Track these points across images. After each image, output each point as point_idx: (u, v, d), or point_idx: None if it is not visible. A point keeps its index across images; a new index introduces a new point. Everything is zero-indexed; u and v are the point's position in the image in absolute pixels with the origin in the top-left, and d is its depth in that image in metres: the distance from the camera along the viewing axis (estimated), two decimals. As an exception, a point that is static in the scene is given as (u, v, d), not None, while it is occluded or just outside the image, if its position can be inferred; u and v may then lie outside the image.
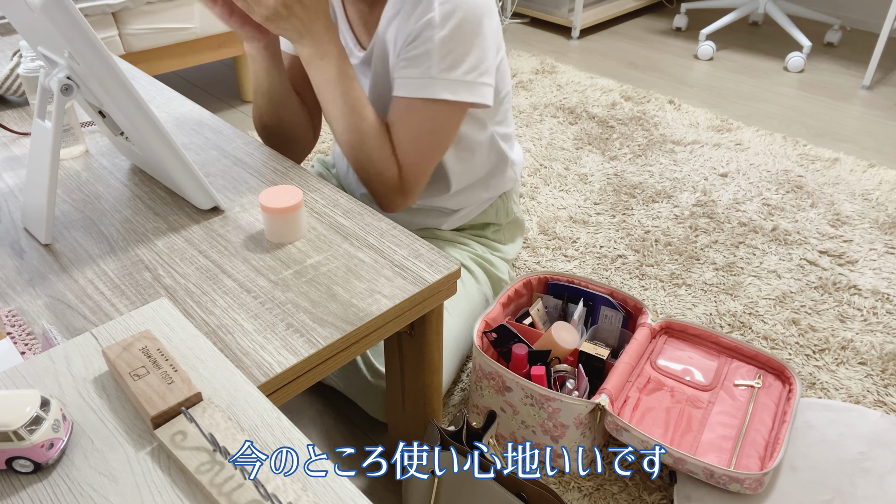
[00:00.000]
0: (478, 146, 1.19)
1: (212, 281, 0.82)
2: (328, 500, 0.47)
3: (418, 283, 0.83)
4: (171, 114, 1.23)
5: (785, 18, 2.80)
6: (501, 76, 1.12)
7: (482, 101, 1.01)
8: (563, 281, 1.30)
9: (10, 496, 0.47)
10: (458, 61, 0.97)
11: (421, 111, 1.00)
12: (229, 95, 2.50)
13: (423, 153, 1.04)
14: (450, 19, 0.95)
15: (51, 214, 0.86)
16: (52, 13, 0.70)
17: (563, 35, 3.12)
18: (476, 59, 0.98)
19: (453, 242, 1.30)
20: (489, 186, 1.27)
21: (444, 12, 0.95)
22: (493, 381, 1.13)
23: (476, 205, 1.29)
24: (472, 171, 1.22)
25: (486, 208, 1.31)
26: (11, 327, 0.75)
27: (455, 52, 0.96)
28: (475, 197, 1.27)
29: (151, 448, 0.50)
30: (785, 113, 2.39)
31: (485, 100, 1.01)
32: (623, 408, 1.14)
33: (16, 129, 1.15)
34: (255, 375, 0.70)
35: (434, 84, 0.98)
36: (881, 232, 1.74)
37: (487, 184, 1.27)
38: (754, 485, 1.00)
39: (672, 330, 1.27)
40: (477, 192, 1.27)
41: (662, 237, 1.71)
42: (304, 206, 0.95)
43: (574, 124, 2.26)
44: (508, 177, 1.28)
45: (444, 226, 1.29)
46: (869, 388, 1.31)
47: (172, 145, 0.85)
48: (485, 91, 1.01)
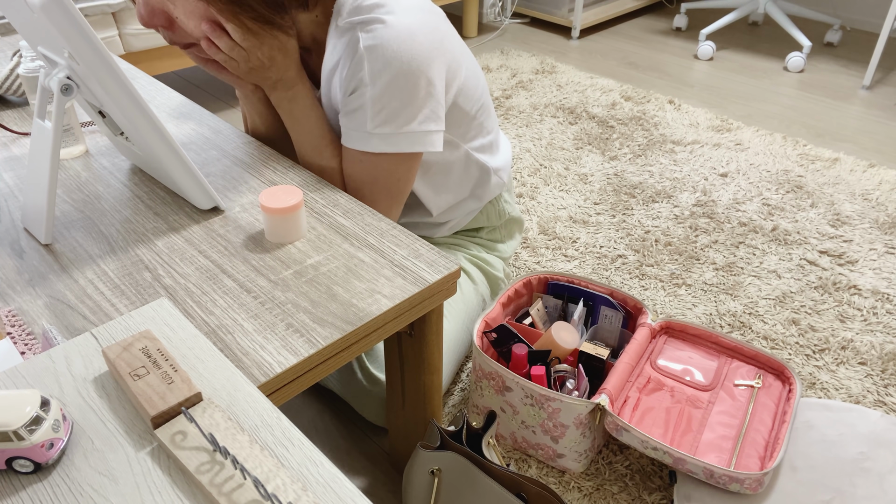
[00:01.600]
0: (453, 166, 1.16)
1: (212, 281, 0.82)
2: (328, 500, 0.47)
3: (418, 283, 0.83)
4: (171, 114, 1.23)
5: (785, 18, 2.80)
6: (468, 97, 1.08)
7: (428, 148, 0.99)
8: (563, 281, 1.30)
9: (10, 496, 0.47)
10: (393, 116, 0.95)
11: (364, 163, 1.00)
12: (229, 95, 2.50)
13: (379, 200, 1.04)
14: (380, 77, 0.92)
15: (51, 214, 0.86)
16: (52, 13, 0.70)
17: (563, 35, 3.12)
18: (413, 110, 0.96)
19: (448, 245, 1.30)
20: (475, 197, 1.24)
21: (374, 71, 0.92)
22: (493, 381, 1.13)
23: (464, 215, 1.27)
24: (452, 191, 1.19)
25: (476, 216, 1.29)
26: (11, 327, 0.75)
27: (388, 107, 0.94)
28: (461, 209, 1.25)
29: (151, 448, 0.50)
30: (785, 113, 2.39)
31: (430, 147, 0.99)
32: (623, 408, 1.14)
33: (16, 129, 1.15)
34: (255, 375, 0.70)
35: (371, 138, 0.97)
36: (881, 232, 1.74)
37: (473, 195, 1.24)
38: (754, 485, 1.00)
39: (672, 330, 1.27)
40: (462, 205, 1.24)
41: (662, 237, 1.71)
42: (304, 206, 0.95)
43: (574, 124, 2.26)
44: (494, 184, 1.24)
45: (437, 235, 1.29)
46: (869, 388, 1.31)
47: (172, 145, 0.85)
48: (429, 139, 0.99)
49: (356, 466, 1.17)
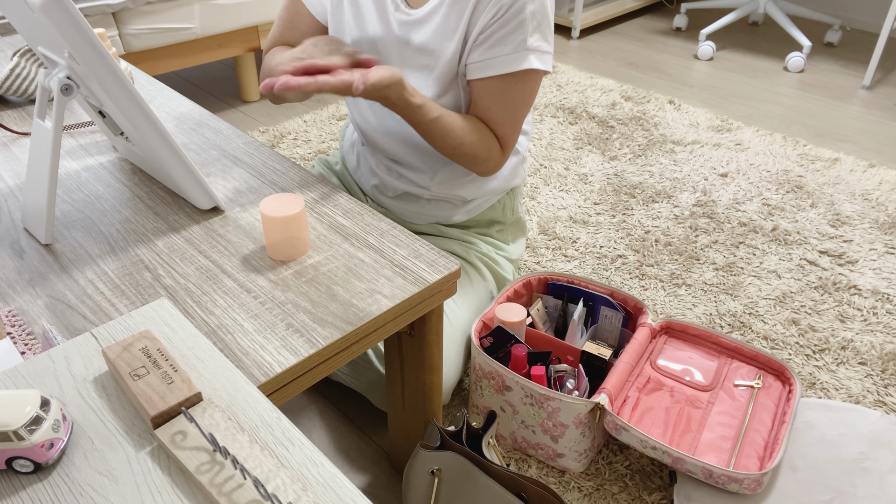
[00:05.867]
0: None
1: (212, 281, 0.82)
2: (328, 500, 0.47)
3: (418, 283, 0.83)
4: (171, 114, 1.23)
5: (785, 18, 2.80)
6: None
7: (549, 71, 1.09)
8: (563, 281, 1.30)
9: (10, 496, 0.47)
10: (546, 32, 1.05)
11: (512, 85, 1.06)
12: (229, 95, 2.50)
13: (516, 120, 1.11)
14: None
15: (51, 214, 0.86)
16: (52, 13, 0.70)
17: (563, 35, 3.12)
18: (551, 30, 1.07)
19: (460, 241, 1.31)
20: (502, 177, 1.28)
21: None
22: (493, 380, 1.13)
23: (486, 197, 1.29)
24: None
25: (494, 203, 1.31)
26: (11, 327, 0.75)
27: (542, 24, 1.04)
28: (488, 186, 1.27)
29: (151, 448, 0.50)
30: (785, 113, 2.39)
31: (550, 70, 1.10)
32: (622, 407, 1.14)
33: (16, 129, 1.15)
34: (255, 375, 0.70)
35: (528, 55, 1.04)
36: (881, 232, 1.74)
37: (501, 174, 1.27)
38: (753, 485, 1.00)
39: (672, 330, 1.27)
40: (491, 181, 1.27)
41: (662, 237, 1.71)
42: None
43: (574, 124, 2.26)
44: (519, 172, 1.30)
45: (454, 218, 1.29)
46: (869, 388, 1.31)
47: (172, 145, 0.85)
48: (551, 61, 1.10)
49: (356, 466, 1.17)
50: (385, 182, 1.27)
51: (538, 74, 1.07)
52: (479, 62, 1.05)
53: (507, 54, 1.03)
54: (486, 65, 1.05)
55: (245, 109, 2.40)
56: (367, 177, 1.31)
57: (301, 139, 2.15)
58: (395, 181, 1.25)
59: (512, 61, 1.03)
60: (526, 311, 1.19)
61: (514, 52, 1.03)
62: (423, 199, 1.27)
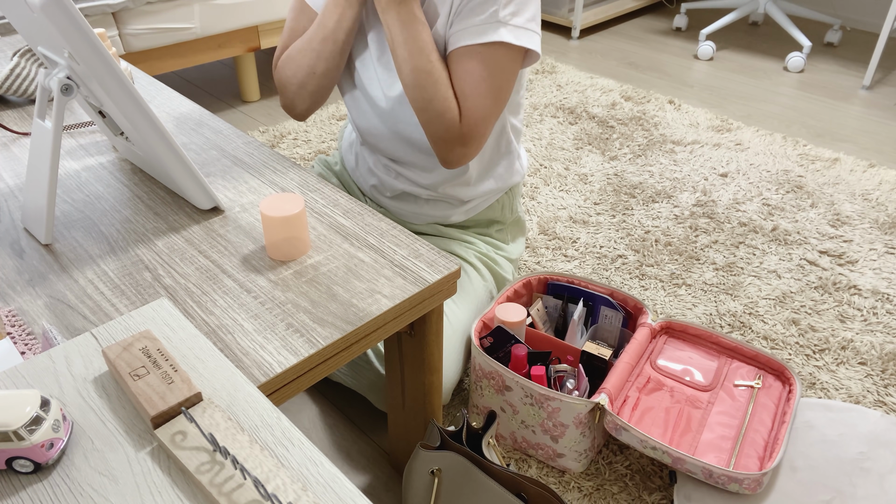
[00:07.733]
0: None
1: (212, 281, 0.82)
2: (328, 500, 0.47)
3: (418, 283, 0.83)
4: (171, 114, 1.23)
5: (785, 18, 2.80)
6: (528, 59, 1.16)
7: (536, 48, 1.06)
8: (562, 281, 1.30)
9: (10, 496, 0.47)
10: (522, 7, 1.03)
11: (481, 55, 1.04)
12: (229, 95, 2.50)
13: (481, 96, 1.06)
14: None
15: (51, 214, 0.86)
16: (52, 13, 0.70)
17: (563, 35, 3.12)
18: (534, 10, 1.05)
19: (459, 241, 1.31)
20: (498, 176, 1.28)
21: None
22: (493, 380, 1.13)
23: (485, 197, 1.29)
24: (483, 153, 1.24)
25: (492, 203, 1.31)
26: (11, 327, 0.75)
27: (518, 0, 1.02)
28: (485, 187, 1.27)
29: (151, 448, 0.50)
30: (785, 113, 2.39)
31: (537, 48, 1.07)
32: (622, 407, 1.14)
33: (16, 129, 1.15)
34: (255, 375, 0.70)
35: (499, 27, 1.02)
36: (881, 232, 1.74)
37: (496, 173, 1.28)
38: (753, 485, 1.00)
39: (672, 330, 1.27)
40: (486, 181, 1.27)
41: (662, 237, 1.71)
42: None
43: (574, 124, 2.26)
44: (516, 170, 1.30)
45: (452, 218, 1.29)
46: (869, 388, 1.31)
47: (172, 145, 0.85)
48: (537, 42, 1.06)
49: (356, 466, 1.17)
50: (383, 182, 1.27)
51: (511, 51, 1.04)
52: (454, 33, 1.05)
53: (477, 25, 1.02)
54: (458, 35, 1.04)
55: (245, 109, 2.40)
56: (366, 176, 1.31)
57: (301, 139, 2.15)
58: (394, 181, 1.25)
59: (481, 31, 1.02)
60: (526, 311, 1.19)
61: (483, 22, 1.01)
62: (421, 199, 1.27)
